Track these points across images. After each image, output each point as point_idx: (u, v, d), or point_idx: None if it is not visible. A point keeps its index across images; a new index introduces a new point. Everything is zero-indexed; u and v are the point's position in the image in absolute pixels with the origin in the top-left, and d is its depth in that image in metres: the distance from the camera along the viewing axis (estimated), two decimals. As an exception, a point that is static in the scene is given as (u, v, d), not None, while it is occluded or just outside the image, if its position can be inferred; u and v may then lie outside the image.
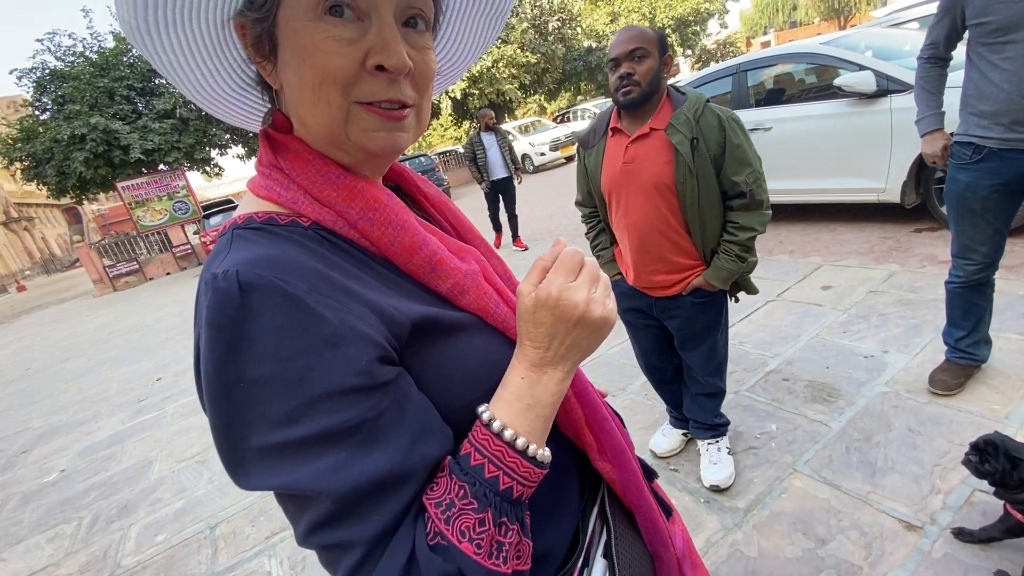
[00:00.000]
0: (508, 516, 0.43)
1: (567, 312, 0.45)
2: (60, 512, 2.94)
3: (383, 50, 0.44)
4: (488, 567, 0.40)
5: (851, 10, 29.39)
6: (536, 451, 0.45)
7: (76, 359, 6.92)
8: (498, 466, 0.43)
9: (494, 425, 0.44)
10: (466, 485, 0.42)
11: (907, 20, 5.75)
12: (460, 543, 0.40)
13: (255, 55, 0.47)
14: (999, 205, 1.80)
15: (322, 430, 0.38)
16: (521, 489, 0.44)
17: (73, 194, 15.74)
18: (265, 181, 0.48)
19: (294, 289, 0.39)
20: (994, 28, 1.61)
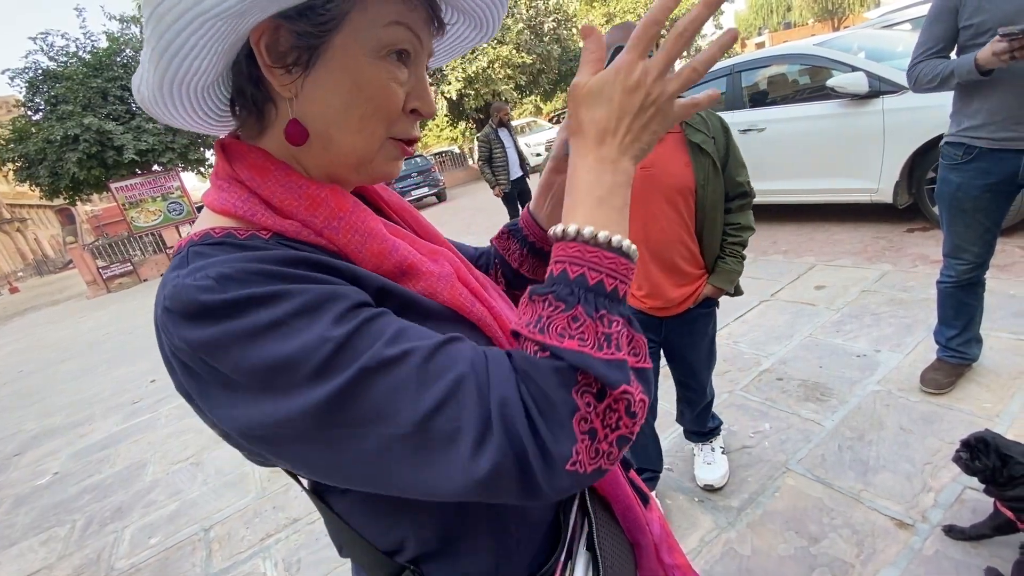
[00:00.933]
0: (608, 309, 0.40)
1: (637, 90, 0.43)
2: (53, 515, 2.92)
3: (422, 98, 0.49)
4: (601, 357, 0.38)
5: (845, 11, 29.56)
6: (620, 241, 0.43)
7: (70, 361, 6.87)
8: (580, 264, 0.41)
9: (569, 230, 0.43)
10: (549, 294, 0.41)
11: (900, 21, 5.79)
12: (562, 343, 0.39)
13: (273, 60, 0.44)
14: (990, 205, 1.81)
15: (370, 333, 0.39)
16: (614, 283, 0.41)
17: (66, 195, 15.65)
18: (221, 194, 0.47)
19: (266, 265, 0.39)
20: (985, 29, 1.63)
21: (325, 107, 0.46)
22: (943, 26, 1.75)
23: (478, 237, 7.42)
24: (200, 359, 0.38)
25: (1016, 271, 2.76)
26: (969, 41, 1.69)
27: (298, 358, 0.37)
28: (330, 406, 0.37)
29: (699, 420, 1.91)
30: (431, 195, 13.99)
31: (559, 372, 0.38)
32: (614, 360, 0.39)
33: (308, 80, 0.45)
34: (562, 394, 0.38)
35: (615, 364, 0.39)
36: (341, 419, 0.38)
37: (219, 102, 0.52)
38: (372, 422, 0.38)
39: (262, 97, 0.48)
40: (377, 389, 0.37)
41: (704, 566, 1.58)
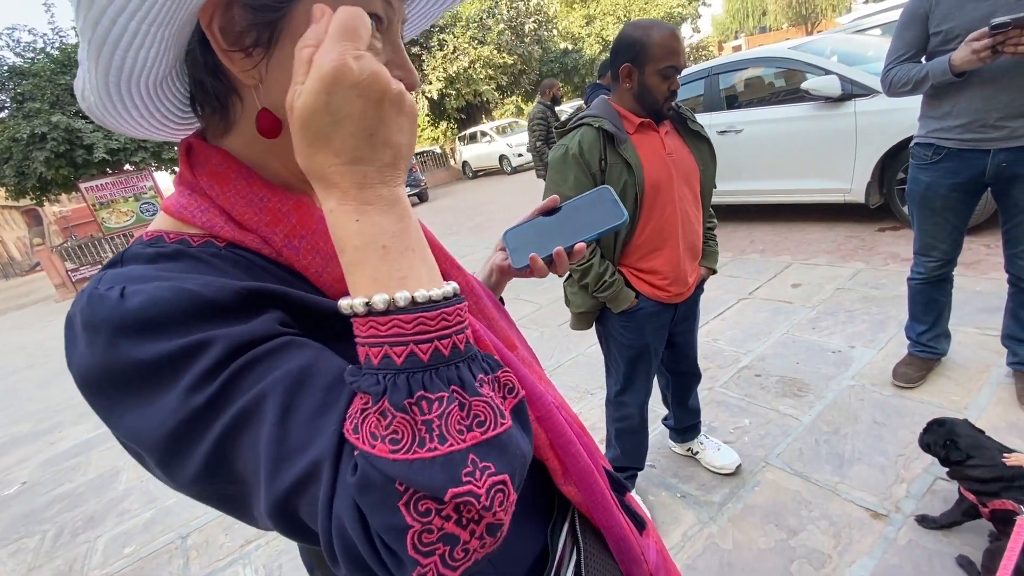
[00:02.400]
0: (427, 386, 0.33)
1: (373, 85, 0.34)
2: (23, 525, 2.82)
3: (402, 67, 0.44)
4: (418, 458, 0.31)
5: (818, 16, 30.28)
6: (426, 294, 0.35)
7: (38, 367, 6.65)
8: (380, 343, 0.34)
9: (356, 305, 0.35)
10: (356, 387, 0.35)
11: (870, 27, 5.95)
12: (373, 448, 0.32)
13: (230, 43, 0.40)
14: (958, 204, 1.88)
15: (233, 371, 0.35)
16: (430, 345, 0.34)
17: (33, 195, 15.13)
18: (181, 200, 0.44)
19: (187, 285, 0.36)
20: (954, 35, 1.68)
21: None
22: (913, 32, 1.80)
23: (461, 238, 7.39)
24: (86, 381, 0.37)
25: (982, 268, 2.86)
26: (938, 47, 1.74)
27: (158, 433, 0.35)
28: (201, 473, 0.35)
29: (693, 409, 1.95)
30: (412, 195, 13.90)
31: (375, 489, 0.31)
32: (436, 457, 0.31)
33: (272, 62, 0.41)
34: (383, 517, 0.31)
35: (438, 463, 0.31)
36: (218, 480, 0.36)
37: (178, 101, 0.48)
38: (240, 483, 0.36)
39: (223, 88, 0.43)
40: (238, 459, 0.35)
41: (687, 561, 1.60)
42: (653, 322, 1.59)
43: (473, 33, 18.09)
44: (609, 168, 1.42)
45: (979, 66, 1.59)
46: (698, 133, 1.56)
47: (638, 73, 1.40)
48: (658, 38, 1.36)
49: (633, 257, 1.53)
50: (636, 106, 1.46)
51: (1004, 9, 1.59)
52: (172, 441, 0.35)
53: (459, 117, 20.19)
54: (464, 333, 0.36)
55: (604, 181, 1.43)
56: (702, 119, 4.56)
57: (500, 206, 6.74)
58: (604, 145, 1.42)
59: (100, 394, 0.36)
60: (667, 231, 1.50)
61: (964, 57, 1.59)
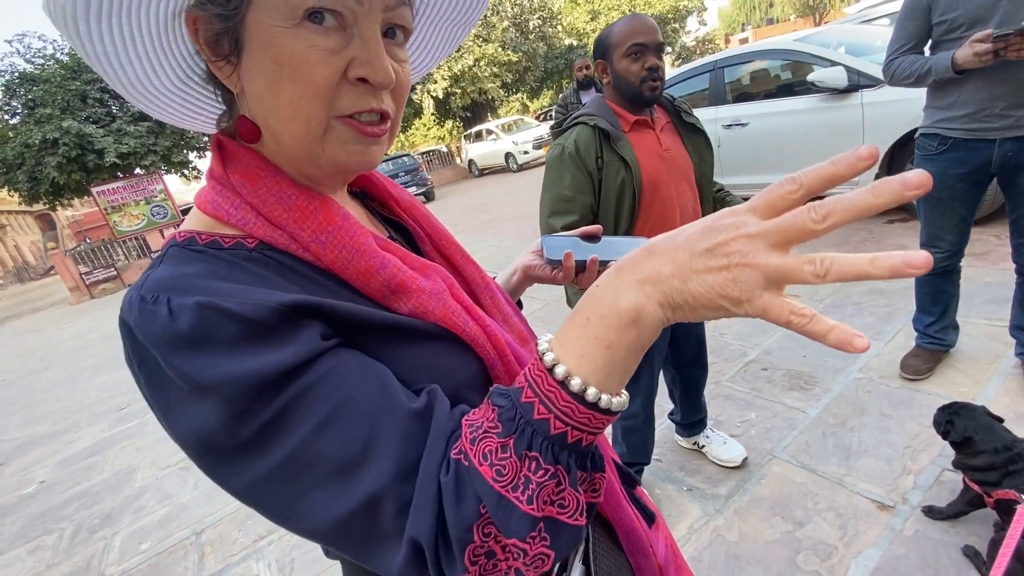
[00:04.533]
0: (542, 453, 0.36)
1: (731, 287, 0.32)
2: (41, 524, 2.89)
3: (368, 63, 0.42)
4: (505, 495, 0.36)
5: (825, 7, 29.92)
6: (598, 395, 0.36)
7: (53, 368, 6.77)
8: (535, 391, 0.37)
9: (546, 358, 0.37)
10: (496, 408, 0.38)
11: (878, 16, 5.88)
12: (480, 465, 0.36)
13: (210, 54, 0.43)
14: (964, 194, 1.86)
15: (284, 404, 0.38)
16: (564, 428, 0.37)
17: (46, 200, 15.37)
18: (214, 197, 0.45)
19: (228, 305, 0.38)
20: (958, 25, 1.67)
21: (259, 95, 0.43)
22: (916, 23, 1.79)
23: (468, 236, 7.42)
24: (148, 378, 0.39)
25: (991, 259, 2.83)
26: (942, 36, 1.73)
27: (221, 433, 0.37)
28: (241, 492, 0.39)
29: (699, 405, 1.96)
30: (419, 195, 13.95)
31: (466, 498, 0.36)
32: (519, 509, 0.36)
33: (242, 69, 0.42)
34: (460, 529, 0.36)
35: (519, 514, 0.36)
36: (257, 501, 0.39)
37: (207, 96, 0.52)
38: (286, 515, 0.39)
39: (225, 93, 0.47)
40: (291, 487, 0.38)
41: (693, 553, 1.61)
42: None
43: (477, 31, 18.10)
44: (606, 166, 1.43)
45: (981, 67, 1.60)
46: (693, 126, 1.57)
47: (608, 64, 1.43)
48: (617, 26, 1.42)
49: None
50: (623, 99, 1.48)
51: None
52: (218, 466, 0.39)
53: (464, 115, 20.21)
54: (595, 436, 0.39)
55: (602, 179, 1.44)
56: (708, 113, 4.60)
57: (506, 204, 6.76)
58: (600, 143, 1.43)
59: (161, 396, 0.39)
60: (664, 228, 1.49)
61: (966, 57, 1.60)
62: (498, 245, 6.53)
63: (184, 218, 0.50)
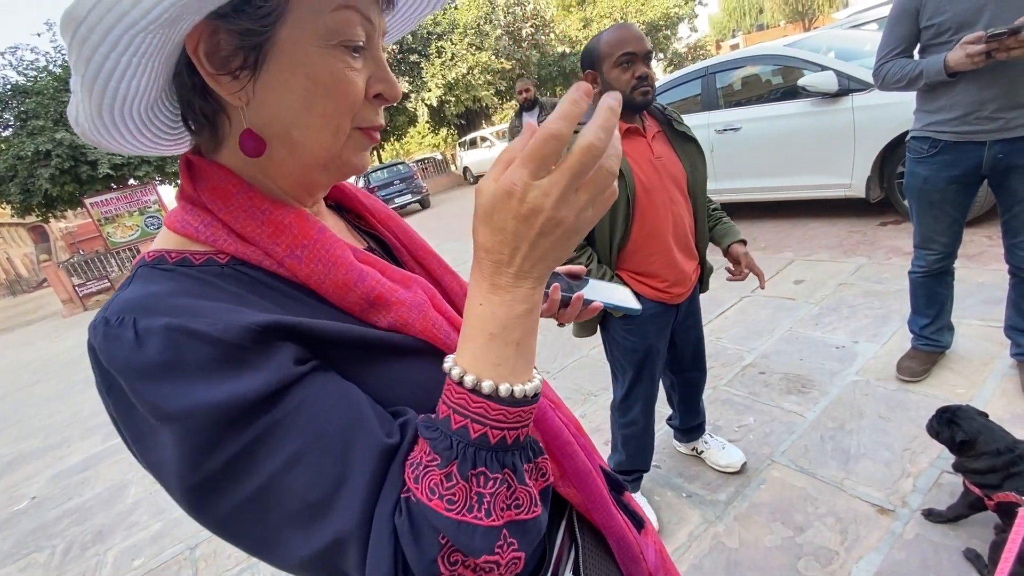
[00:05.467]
0: (488, 465, 0.38)
1: (532, 216, 0.36)
2: (32, 540, 2.84)
3: (384, 80, 0.46)
4: (466, 521, 0.37)
5: (815, 13, 30.27)
6: (508, 389, 0.39)
7: (45, 382, 6.69)
8: (464, 415, 0.38)
9: (453, 372, 0.40)
10: (428, 440, 0.39)
11: (867, 21, 5.96)
12: (430, 501, 0.37)
13: (213, 68, 0.41)
14: (956, 197, 1.87)
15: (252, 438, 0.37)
16: (500, 434, 0.39)
17: (39, 212, 15.31)
18: (183, 216, 0.45)
19: (197, 326, 0.37)
20: (945, 29, 1.68)
21: (282, 109, 0.43)
22: (904, 27, 1.80)
23: (462, 243, 7.41)
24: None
25: (984, 260, 2.85)
26: (930, 41, 1.75)
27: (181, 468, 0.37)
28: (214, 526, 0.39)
29: (698, 410, 1.95)
30: (414, 202, 13.94)
31: (423, 535, 0.37)
32: (479, 527, 0.37)
33: (259, 83, 0.42)
34: (424, 564, 0.36)
35: (480, 532, 0.37)
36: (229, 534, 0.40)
37: (169, 118, 0.49)
38: (259, 548, 0.39)
39: (212, 109, 0.45)
40: (260, 522, 0.38)
41: (693, 560, 1.60)
42: (656, 324, 1.60)
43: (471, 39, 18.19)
44: None
45: (973, 69, 1.59)
46: (684, 134, 1.58)
47: (598, 74, 1.44)
48: (606, 35, 1.43)
49: (631, 262, 1.54)
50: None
51: (993, 2, 1.59)
52: (188, 494, 0.38)
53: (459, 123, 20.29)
54: (528, 428, 0.41)
55: None
56: (700, 118, 4.62)
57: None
58: None
59: (130, 424, 0.39)
60: (659, 234, 1.52)
61: (959, 59, 1.60)
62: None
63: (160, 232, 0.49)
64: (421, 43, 18.28)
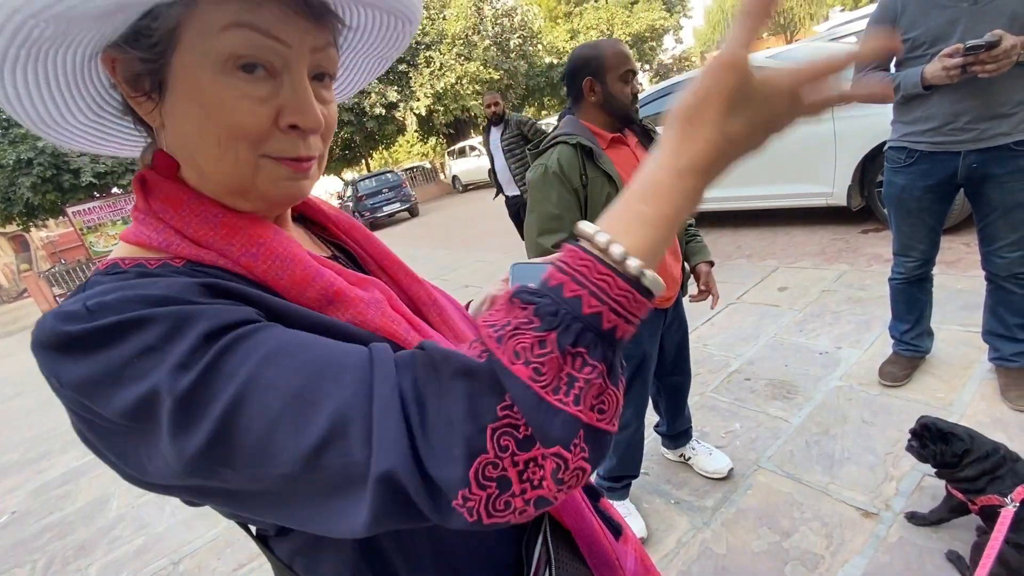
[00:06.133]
0: (590, 348, 0.32)
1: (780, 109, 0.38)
2: (12, 556, 2.77)
3: (298, 110, 0.43)
4: (547, 400, 0.31)
5: (796, 26, 30.93)
6: (640, 268, 0.34)
7: (25, 395, 6.54)
8: (583, 284, 0.33)
9: (599, 239, 0.34)
10: (531, 305, 0.33)
11: (846, 34, 6.10)
12: (512, 364, 0.31)
13: (129, 90, 0.43)
14: (932, 205, 1.92)
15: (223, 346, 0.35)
16: (614, 322, 0.33)
17: (19, 221, 15.04)
18: (137, 227, 0.45)
19: (152, 291, 0.37)
20: (920, 43, 1.74)
21: (183, 135, 0.43)
22: None
23: (451, 252, 7.42)
24: (79, 401, 0.35)
25: (962, 266, 2.92)
26: (906, 54, 1.80)
27: (158, 399, 0.34)
28: (203, 453, 0.34)
29: (684, 415, 1.96)
30: (403, 210, 13.93)
31: (482, 393, 0.32)
32: (562, 411, 0.31)
33: (165, 108, 0.42)
34: (469, 429, 0.31)
35: (561, 417, 0.31)
36: (221, 461, 0.34)
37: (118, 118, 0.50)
38: (253, 464, 0.34)
39: (145, 126, 0.47)
40: (250, 429, 0.33)
41: (682, 567, 1.60)
42: (648, 329, 1.62)
43: (459, 50, 18.30)
44: (591, 183, 1.45)
45: (948, 83, 1.65)
46: None
47: (600, 84, 1.46)
48: (609, 49, 1.46)
49: None
50: (604, 117, 1.51)
51: (966, 16, 1.64)
52: (170, 428, 0.34)
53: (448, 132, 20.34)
54: (634, 329, 0.35)
55: (587, 196, 1.45)
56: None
57: (490, 219, 6.76)
58: (583, 161, 1.45)
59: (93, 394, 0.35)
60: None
61: (935, 73, 1.65)
62: (484, 260, 6.53)
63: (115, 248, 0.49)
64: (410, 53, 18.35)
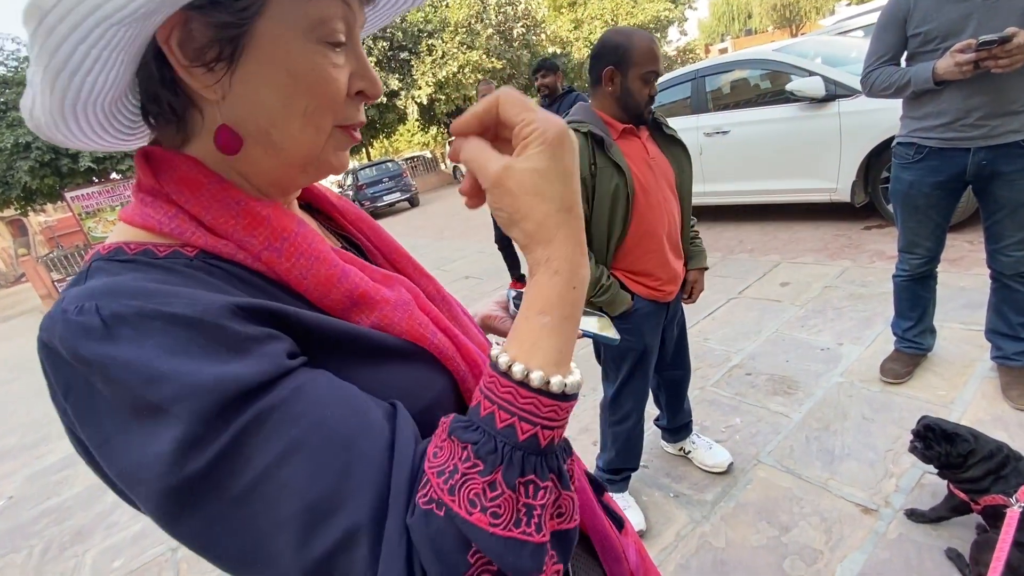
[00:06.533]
0: (538, 471, 0.34)
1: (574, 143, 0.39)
2: (9, 541, 2.77)
3: (365, 77, 0.45)
4: (513, 537, 0.32)
5: (802, 19, 30.69)
6: (560, 382, 0.36)
7: (23, 380, 6.54)
8: (511, 411, 0.35)
9: (500, 360, 0.36)
10: (468, 443, 0.34)
11: (853, 28, 6.05)
12: (470, 515, 0.32)
13: (188, 60, 0.39)
14: (940, 202, 1.91)
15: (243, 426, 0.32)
16: (550, 435, 0.35)
17: (17, 205, 14.97)
18: (144, 209, 0.41)
19: (175, 309, 0.33)
20: (932, 37, 1.71)
21: (260, 106, 0.41)
22: (892, 35, 1.82)
23: (452, 242, 7.39)
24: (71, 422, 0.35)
25: (965, 264, 2.91)
26: (918, 49, 1.77)
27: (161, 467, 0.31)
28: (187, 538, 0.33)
29: (685, 409, 1.96)
30: (403, 200, 13.88)
31: (449, 554, 0.32)
32: (528, 543, 0.33)
33: (235, 78, 0.40)
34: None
35: (528, 549, 0.33)
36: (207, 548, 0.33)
37: (131, 113, 0.46)
38: (242, 559, 0.33)
39: (182, 103, 0.42)
40: (251, 528, 0.32)
41: (680, 560, 1.61)
42: (650, 322, 1.61)
43: (462, 38, 18.14)
44: (600, 172, 1.43)
45: (961, 79, 1.62)
46: (672, 137, 1.60)
47: (620, 76, 1.43)
48: (640, 44, 1.40)
49: (625, 261, 1.55)
50: (618, 110, 1.48)
51: (979, 11, 1.62)
52: (167, 497, 0.32)
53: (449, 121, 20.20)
54: (564, 429, 0.37)
55: (595, 186, 1.44)
56: (689, 121, 4.66)
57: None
58: (593, 150, 1.42)
59: (95, 427, 0.34)
60: (655, 232, 1.53)
61: (947, 68, 1.62)
62: (484, 251, 6.50)
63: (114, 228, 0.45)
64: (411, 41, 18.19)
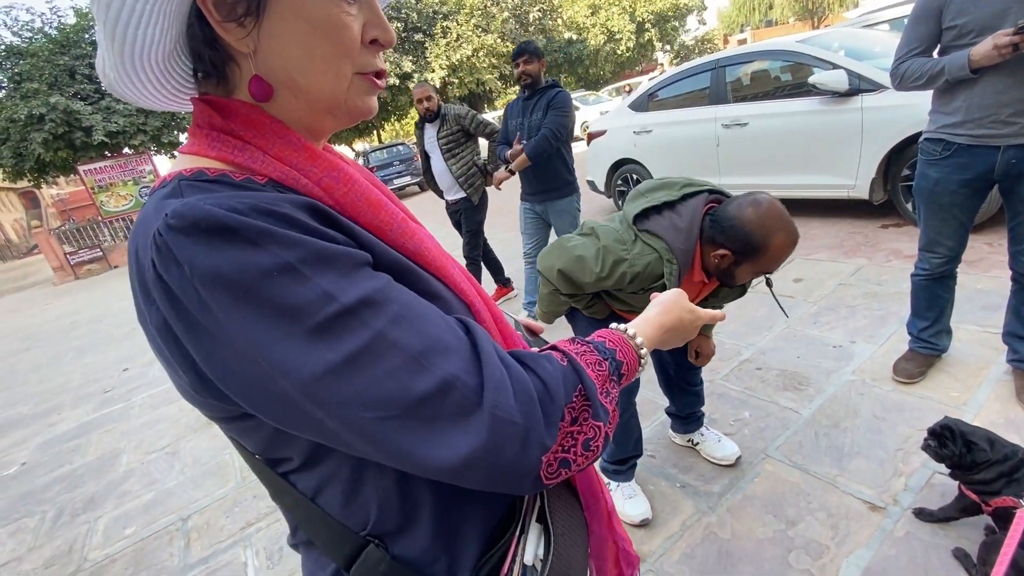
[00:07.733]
0: (616, 379, 0.52)
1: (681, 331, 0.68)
2: (22, 506, 2.84)
3: (379, 26, 0.49)
4: (600, 399, 0.47)
5: (824, 11, 30.02)
6: (642, 346, 0.58)
7: (36, 349, 6.65)
8: (617, 344, 0.55)
9: (630, 332, 0.58)
10: (591, 344, 0.53)
11: (879, 22, 5.90)
12: (588, 368, 0.49)
13: (224, 15, 0.43)
14: (965, 200, 1.87)
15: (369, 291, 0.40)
16: (627, 368, 0.54)
17: (31, 177, 15.09)
18: (213, 143, 0.46)
19: (282, 209, 0.40)
20: (968, 30, 1.66)
21: (285, 55, 0.45)
22: (926, 27, 1.78)
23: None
24: (194, 288, 0.37)
25: (984, 266, 2.86)
26: (952, 42, 1.73)
27: (305, 310, 0.37)
28: (325, 374, 0.38)
29: (696, 394, 1.97)
30: (414, 184, 13.85)
31: (568, 382, 0.46)
32: (604, 406, 0.48)
33: (262, 31, 0.44)
34: (561, 401, 0.45)
35: (604, 409, 0.48)
36: (333, 390, 0.38)
37: (185, 73, 0.51)
38: (364, 402, 0.38)
39: (221, 58, 0.46)
40: (375, 368, 0.39)
41: (686, 549, 1.62)
42: None
43: (477, 21, 17.93)
44: (640, 294, 1.45)
45: (998, 62, 1.57)
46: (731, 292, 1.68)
47: (733, 264, 1.34)
48: (775, 252, 1.28)
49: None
50: (708, 270, 1.43)
51: (1017, 5, 1.57)
52: (289, 348, 0.38)
53: (461, 106, 20.09)
54: (632, 377, 0.57)
55: (618, 290, 1.48)
56: (707, 112, 4.59)
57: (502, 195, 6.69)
58: (655, 281, 1.38)
59: (219, 292, 0.37)
60: None
61: (985, 52, 1.58)
62: (492, 237, 6.49)
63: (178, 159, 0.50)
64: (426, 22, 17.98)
